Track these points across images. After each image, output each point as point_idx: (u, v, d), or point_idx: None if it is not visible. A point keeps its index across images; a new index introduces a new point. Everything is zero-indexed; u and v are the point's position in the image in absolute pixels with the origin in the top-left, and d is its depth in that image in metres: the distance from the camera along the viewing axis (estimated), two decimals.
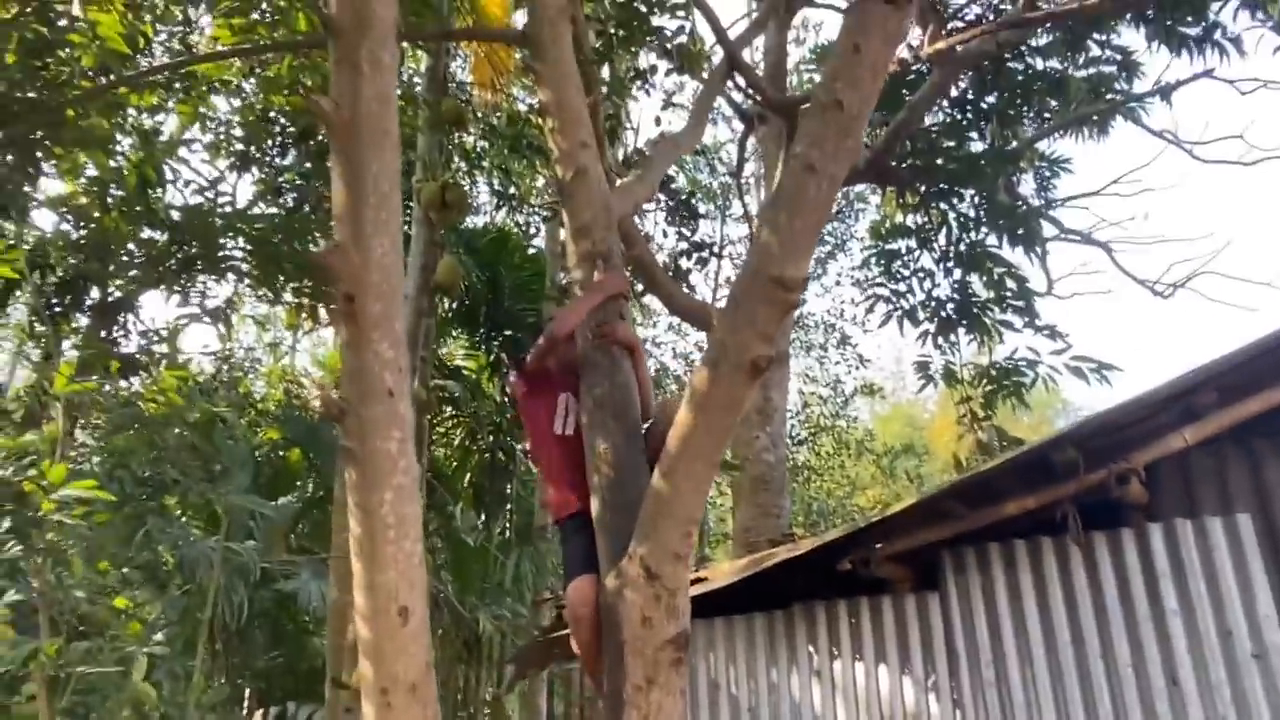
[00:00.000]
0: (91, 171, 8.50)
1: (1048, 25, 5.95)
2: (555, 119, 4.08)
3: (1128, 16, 7.75)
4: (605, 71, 7.66)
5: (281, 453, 13.90)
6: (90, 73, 5.13)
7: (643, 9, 7.32)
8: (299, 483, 13.66)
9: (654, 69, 7.72)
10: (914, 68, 6.46)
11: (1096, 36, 8.31)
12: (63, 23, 4.91)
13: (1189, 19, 7.78)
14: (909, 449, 17.18)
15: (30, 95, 4.80)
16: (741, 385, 2.85)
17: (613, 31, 7.32)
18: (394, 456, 2.70)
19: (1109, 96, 8.78)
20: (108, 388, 8.16)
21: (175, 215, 11.18)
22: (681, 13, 6.59)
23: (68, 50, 5.02)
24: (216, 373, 13.83)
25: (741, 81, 6.30)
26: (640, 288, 7.00)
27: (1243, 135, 7.98)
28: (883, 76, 2.88)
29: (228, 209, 11.32)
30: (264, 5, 4.94)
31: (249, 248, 11.66)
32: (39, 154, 5.04)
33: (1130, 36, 8.47)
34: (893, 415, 24.81)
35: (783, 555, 4.09)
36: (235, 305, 11.05)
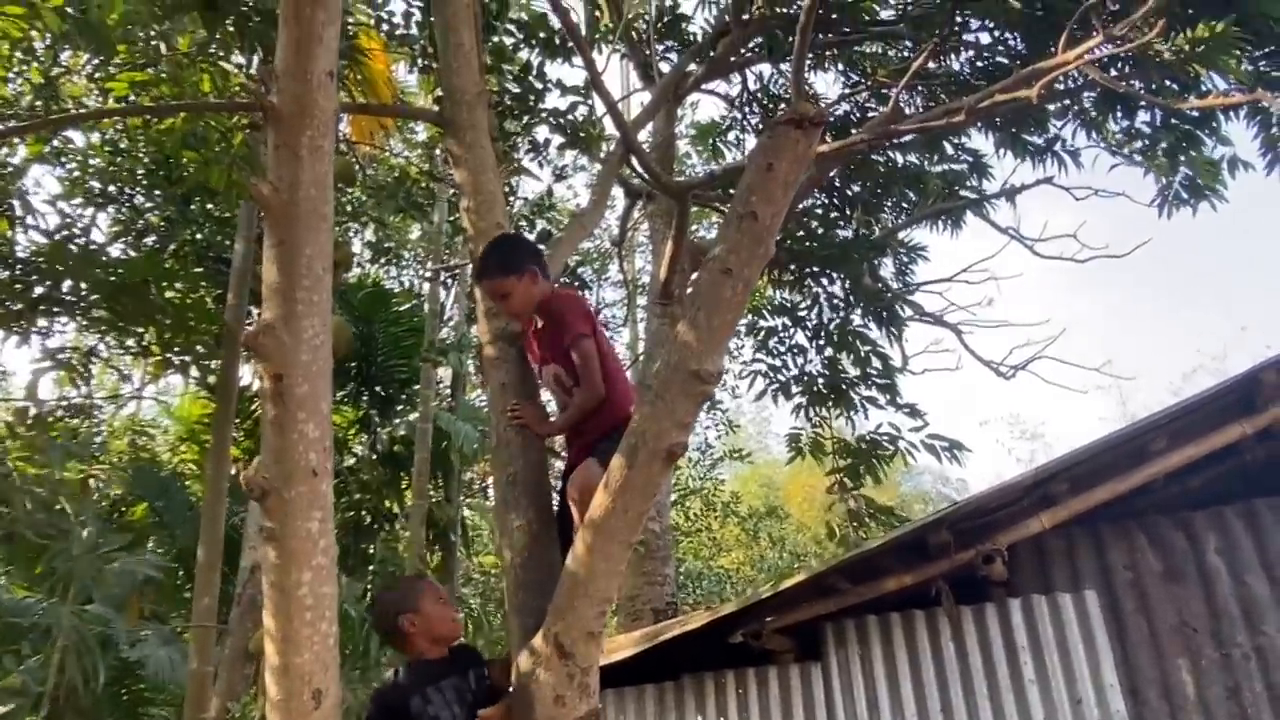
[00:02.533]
0: None
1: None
2: (471, 199, 4.19)
3: (979, 123, 8.53)
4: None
5: (123, 509, 13.08)
6: None
7: (539, 86, 7.57)
8: (144, 542, 12.86)
9: (548, 143, 7.93)
10: None
11: (951, 139, 9.11)
12: None
13: (1033, 129, 8.66)
14: (772, 512, 17.73)
15: None
16: (658, 471, 3.01)
17: (510, 105, 7.52)
18: (315, 537, 2.71)
19: (961, 193, 9.60)
20: None
21: (21, 251, 10.52)
22: (580, 95, 6.85)
23: None
24: (56, 421, 12.92)
25: (637, 164, 6.58)
26: None
27: (1075, 235, 8.85)
28: (793, 191, 3.15)
29: (78, 247, 10.74)
30: (161, 63, 4.86)
31: (105, 290, 11.07)
32: None
33: (981, 141, 9.31)
34: (750, 476, 25.53)
35: (681, 629, 4.24)
36: (90, 354, 10.46)
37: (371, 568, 12.94)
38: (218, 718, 5.84)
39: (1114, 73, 7.59)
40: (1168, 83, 7.34)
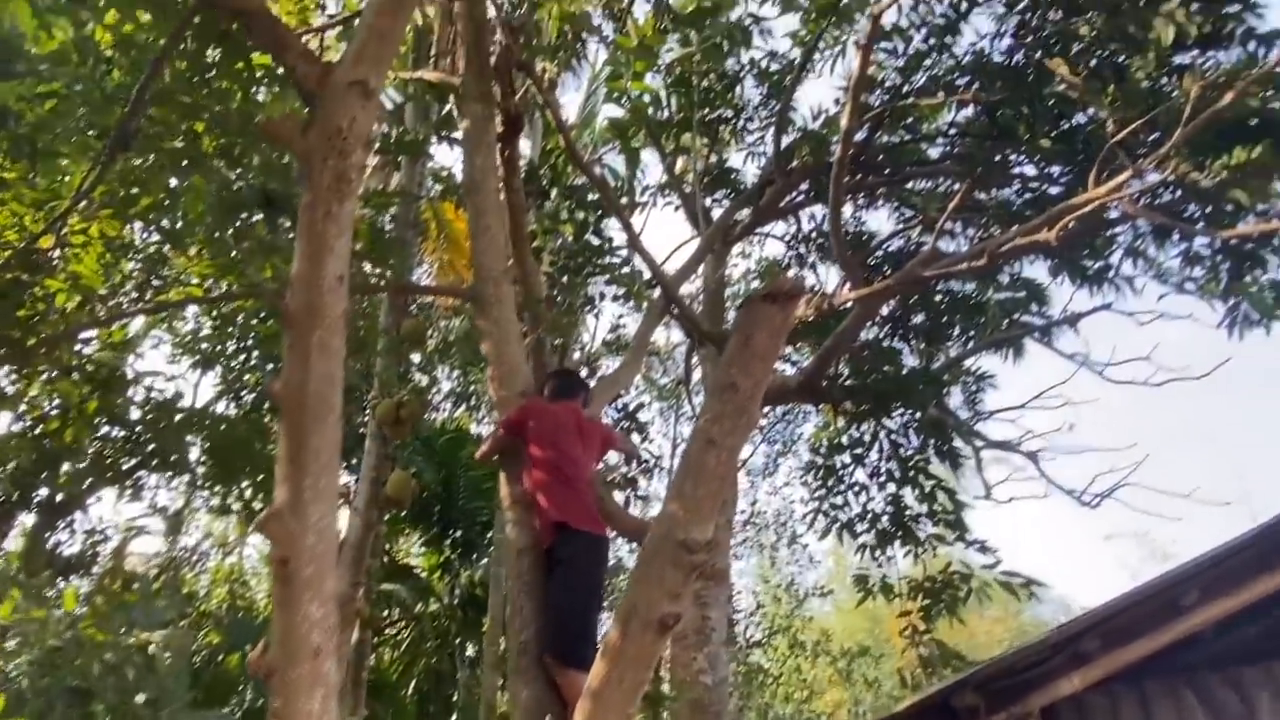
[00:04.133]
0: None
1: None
2: (495, 368, 4.46)
3: (1031, 256, 8.51)
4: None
5: (221, 656, 13.47)
6: (64, 309, 5.49)
7: (596, 243, 8.00)
8: (239, 689, 13.17)
9: (602, 295, 8.29)
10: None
11: (1006, 269, 9.09)
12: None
13: (1088, 256, 8.59)
14: (865, 651, 16.99)
15: (4, 334, 5.10)
16: (651, 642, 3.06)
17: (566, 262, 7.94)
18: (317, 715, 2.84)
19: (1024, 319, 9.49)
20: (47, 594, 8.07)
21: (134, 413, 11.36)
22: (624, 252, 7.21)
23: (43, 290, 5.40)
24: (161, 573, 13.60)
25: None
26: None
27: (1149, 357, 8.56)
28: (773, 361, 3.29)
29: (185, 408, 11.53)
30: (232, 251, 5.40)
31: (206, 446, 11.79)
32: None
33: (1039, 268, 9.22)
34: (859, 610, 24.54)
35: None
36: (187, 512, 11.10)
37: (454, 717, 12.89)
38: None
39: (1166, 197, 7.56)
40: (1226, 207, 7.25)
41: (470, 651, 13.03)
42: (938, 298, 9.77)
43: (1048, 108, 7.60)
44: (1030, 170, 8.60)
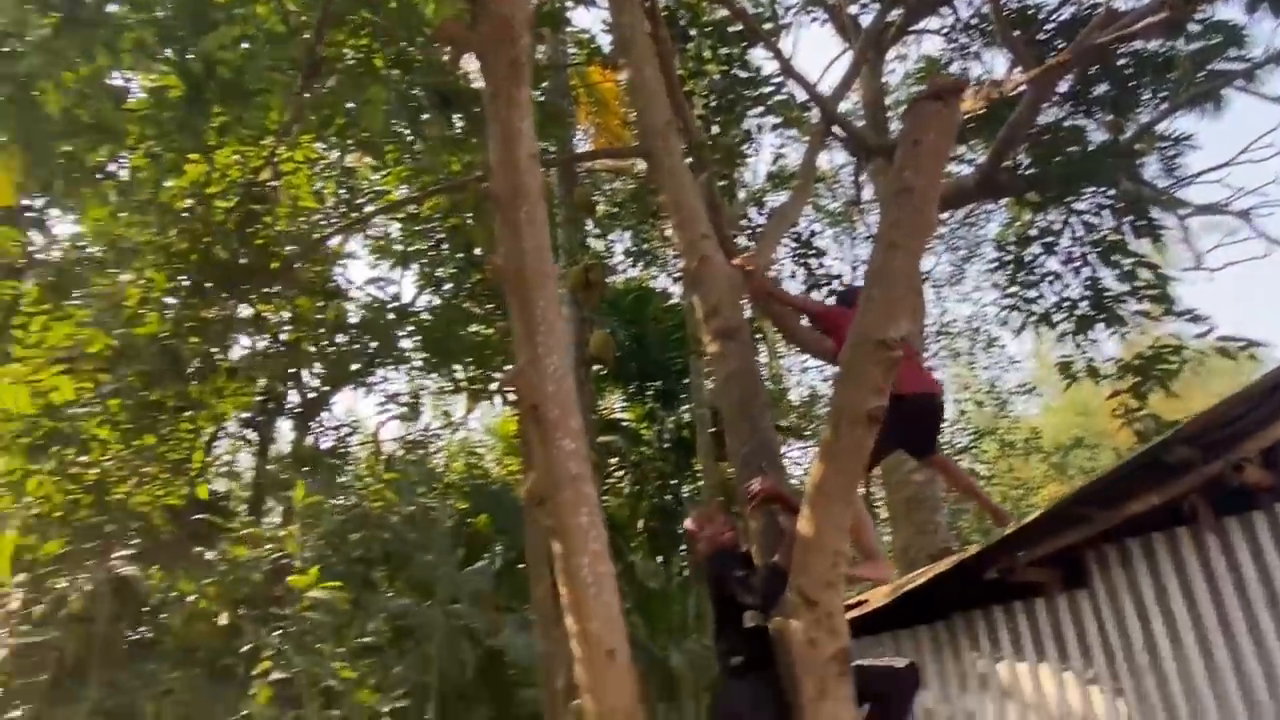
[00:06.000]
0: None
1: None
2: (674, 216, 4.75)
3: None
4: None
5: (469, 520, 15.12)
6: (287, 233, 6.22)
7: (744, 75, 7.98)
8: (490, 546, 14.80)
9: (759, 128, 8.31)
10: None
11: (1196, 16, 8.30)
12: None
13: None
14: (1079, 442, 16.68)
15: (245, 262, 5.86)
16: (861, 435, 3.36)
17: (718, 102, 7.98)
18: (585, 529, 3.37)
19: (1220, 68, 8.70)
20: (320, 484, 9.44)
21: (354, 318, 12.55)
22: (775, 81, 7.18)
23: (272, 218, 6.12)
24: (407, 452, 15.24)
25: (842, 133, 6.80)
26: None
27: None
28: (944, 159, 3.38)
29: (396, 305, 12.61)
30: (419, 153, 5.88)
31: (418, 338, 12.90)
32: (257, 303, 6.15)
33: (1234, 6, 8.36)
34: (1067, 404, 23.86)
35: (928, 572, 4.49)
36: (419, 397, 12.31)
37: (683, 548, 13.96)
38: (567, 686, 6.81)
39: None
40: None
41: (686, 491, 13.94)
42: (1121, 62, 9.08)
43: None
44: None
